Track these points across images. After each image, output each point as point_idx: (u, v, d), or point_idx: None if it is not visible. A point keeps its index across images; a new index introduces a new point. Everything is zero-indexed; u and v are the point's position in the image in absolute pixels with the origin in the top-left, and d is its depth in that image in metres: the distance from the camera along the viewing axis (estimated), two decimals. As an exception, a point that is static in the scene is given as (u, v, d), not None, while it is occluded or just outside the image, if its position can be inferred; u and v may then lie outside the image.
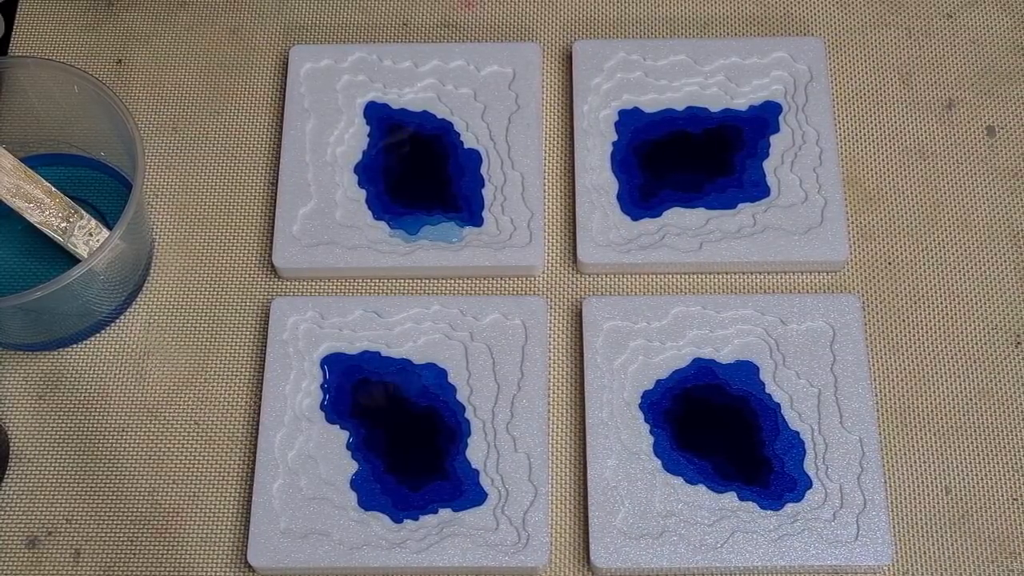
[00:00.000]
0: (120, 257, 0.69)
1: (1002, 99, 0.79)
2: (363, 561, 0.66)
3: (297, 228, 0.74)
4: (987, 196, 0.76)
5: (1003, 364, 0.72)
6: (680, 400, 0.70)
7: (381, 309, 0.72)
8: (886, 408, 0.71)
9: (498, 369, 0.71)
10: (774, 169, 0.76)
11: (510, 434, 0.69)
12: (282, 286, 0.75)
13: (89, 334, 0.72)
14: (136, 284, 0.73)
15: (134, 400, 0.71)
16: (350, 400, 0.70)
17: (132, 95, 0.79)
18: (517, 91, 0.78)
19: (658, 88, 0.78)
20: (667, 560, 0.66)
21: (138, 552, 0.68)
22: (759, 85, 0.78)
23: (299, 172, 0.76)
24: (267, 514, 0.67)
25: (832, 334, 0.71)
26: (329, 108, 0.78)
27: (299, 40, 0.81)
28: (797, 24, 0.81)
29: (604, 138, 0.77)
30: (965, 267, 0.74)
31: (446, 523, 0.67)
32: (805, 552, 0.66)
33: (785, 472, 0.68)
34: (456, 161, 0.76)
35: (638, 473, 0.68)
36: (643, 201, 0.75)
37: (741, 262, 0.73)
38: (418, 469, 0.69)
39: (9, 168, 0.69)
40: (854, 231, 0.75)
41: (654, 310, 0.72)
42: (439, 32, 0.82)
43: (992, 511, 0.69)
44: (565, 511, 0.69)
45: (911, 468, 0.70)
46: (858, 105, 0.79)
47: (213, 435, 0.71)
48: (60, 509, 0.69)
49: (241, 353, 0.73)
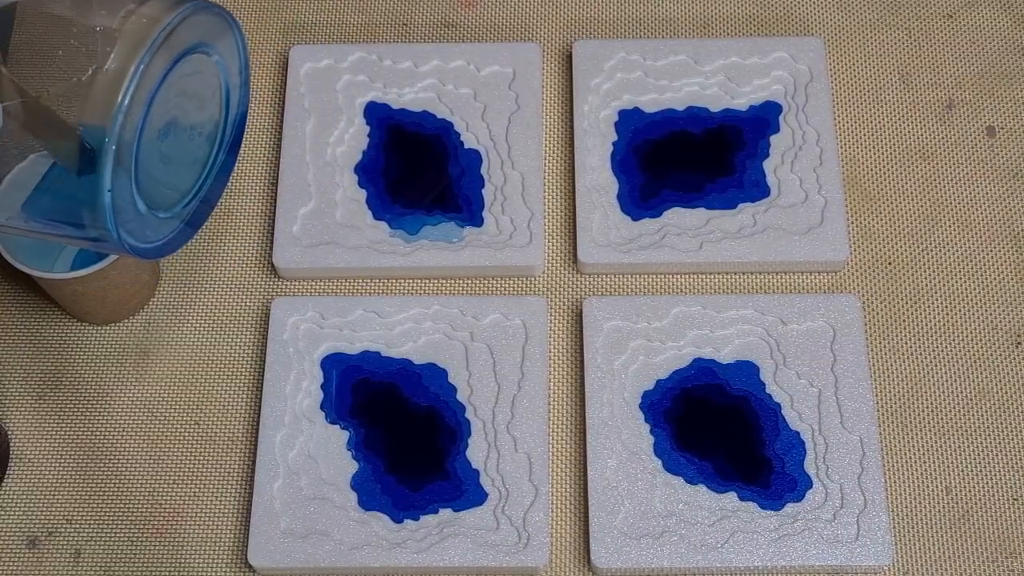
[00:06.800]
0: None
1: (1002, 99, 0.79)
2: (363, 561, 0.66)
3: (297, 228, 0.74)
4: (987, 196, 0.76)
5: (1003, 364, 0.72)
6: (680, 400, 0.70)
7: (381, 309, 0.72)
8: (886, 408, 0.71)
9: (498, 369, 0.71)
10: (774, 169, 0.76)
11: (510, 434, 0.69)
12: (282, 286, 0.75)
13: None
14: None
15: (134, 400, 0.71)
16: (350, 400, 0.70)
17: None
18: (517, 91, 0.78)
19: (658, 88, 0.78)
20: (667, 560, 0.66)
21: (138, 552, 0.68)
22: (759, 85, 0.78)
23: (299, 172, 0.76)
24: (267, 514, 0.67)
25: (832, 334, 0.71)
26: (329, 108, 0.78)
27: (299, 40, 0.81)
28: (797, 24, 0.81)
29: (604, 138, 0.77)
30: (965, 267, 0.74)
31: (446, 523, 0.67)
32: (805, 552, 0.66)
33: (785, 472, 0.68)
34: (456, 161, 0.76)
35: (638, 473, 0.68)
36: (643, 201, 0.75)
37: (741, 262, 0.73)
38: (418, 469, 0.69)
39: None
40: (854, 231, 0.75)
41: (654, 310, 0.72)
42: (439, 32, 0.82)
43: (992, 511, 0.69)
44: (565, 511, 0.69)
45: (911, 468, 0.70)
46: (858, 105, 0.79)
47: (213, 435, 0.71)
48: (60, 509, 0.69)
49: (241, 353, 0.73)
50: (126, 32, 0.56)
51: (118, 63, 0.56)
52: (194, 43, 0.60)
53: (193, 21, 0.58)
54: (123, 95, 0.55)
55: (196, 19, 0.59)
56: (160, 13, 0.57)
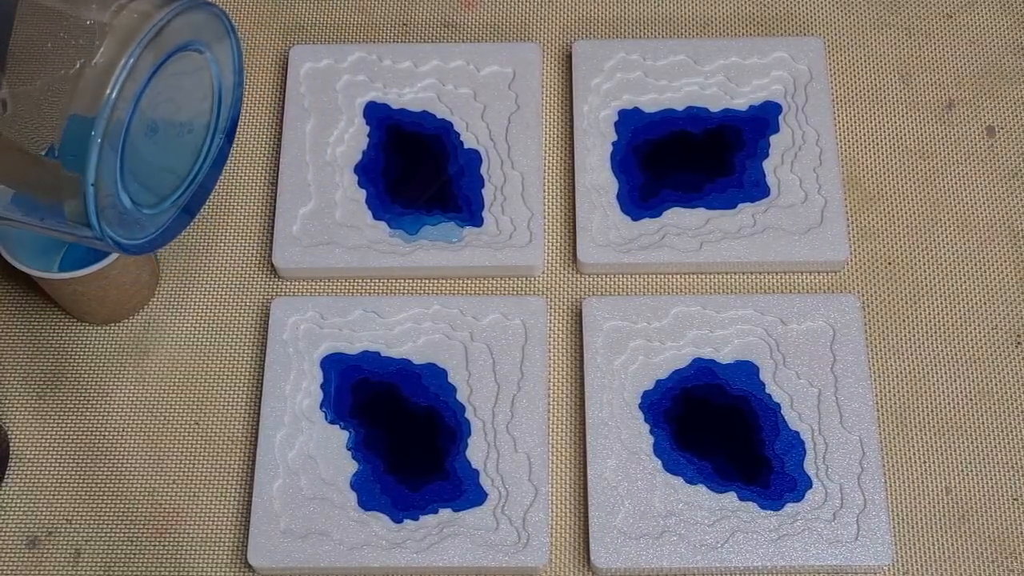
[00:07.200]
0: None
1: (1002, 99, 0.79)
2: (363, 561, 0.66)
3: (297, 228, 0.74)
4: (987, 196, 0.76)
5: (1003, 364, 0.72)
6: (680, 400, 0.70)
7: (381, 309, 0.72)
8: (886, 408, 0.71)
9: (498, 369, 0.71)
10: (774, 169, 0.76)
11: (510, 434, 0.69)
12: (282, 286, 0.75)
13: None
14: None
15: (134, 400, 0.71)
16: (350, 400, 0.70)
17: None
18: (517, 91, 0.78)
19: (658, 88, 0.78)
20: (667, 560, 0.66)
21: (138, 552, 0.68)
22: (759, 85, 0.78)
23: (299, 172, 0.76)
24: (267, 514, 0.67)
25: (832, 334, 0.71)
26: (329, 108, 0.78)
27: (299, 40, 0.81)
28: (797, 24, 0.81)
29: (604, 138, 0.77)
30: (965, 267, 0.74)
31: (446, 523, 0.67)
32: (805, 552, 0.66)
33: (785, 472, 0.68)
34: (456, 161, 0.76)
35: (638, 473, 0.68)
36: (643, 201, 0.75)
37: (741, 262, 0.73)
38: (418, 469, 0.69)
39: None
40: (854, 231, 0.75)
41: (654, 310, 0.72)
42: (439, 32, 0.82)
43: (992, 511, 0.69)
44: (565, 511, 0.69)
45: (911, 468, 0.70)
46: (858, 105, 0.79)
47: (213, 435, 0.71)
48: (60, 509, 0.69)
49: (241, 353, 0.73)
50: (116, 27, 0.56)
51: (107, 57, 0.56)
52: (186, 40, 0.59)
53: (185, 18, 0.58)
54: (111, 89, 0.55)
55: (188, 16, 0.58)
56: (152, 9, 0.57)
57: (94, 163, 0.55)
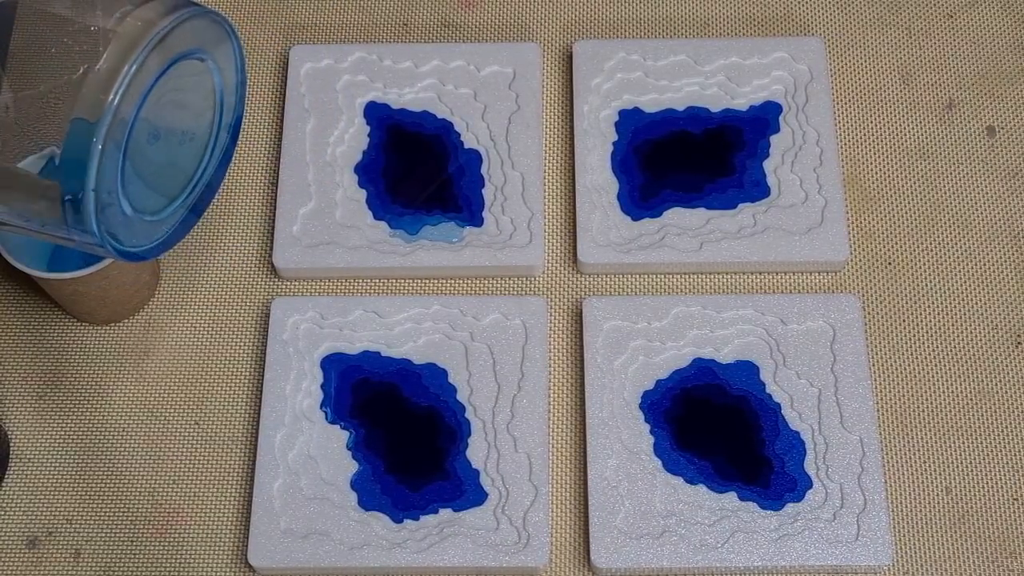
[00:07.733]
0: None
1: (1002, 99, 0.79)
2: (363, 561, 0.66)
3: (297, 228, 0.74)
4: (987, 196, 0.76)
5: (1003, 364, 0.72)
6: (680, 400, 0.70)
7: (381, 309, 0.72)
8: (886, 408, 0.71)
9: (498, 369, 0.71)
10: (774, 169, 0.76)
11: (510, 434, 0.69)
12: (282, 286, 0.75)
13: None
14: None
15: (134, 400, 0.71)
16: (350, 400, 0.70)
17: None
18: (517, 91, 0.78)
19: (658, 88, 0.78)
20: (667, 560, 0.66)
21: (138, 552, 0.68)
22: (759, 85, 0.78)
23: (299, 172, 0.76)
24: (267, 514, 0.67)
25: (832, 334, 0.71)
26: (329, 108, 0.78)
27: (299, 40, 0.81)
28: (797, 24, 0.81)
29: (604, 138, 0.77)
30: (965, 267, 0.74)
31: (446, 523, 0.67)
32: (805, 552, 0.66)
33: (785, 472, 0.68)
34: (456, 161, 0.76)
35: (638, 473, 0.68)
36: (643, 201, 0.75)
37: (741, 262, 0.73)
38: (418, 469, 0.69)
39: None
40: (854, 231, 0.75)
41: (654, 310, 0.72)
42: (439, 32, 0.82)
43: (992, 511, 0.69)
44: (565, 511, 0.69)
45: (911, 468, 0.70)
46: (858, 105, 0.79)
47: (213, 435, 0.71)
48: (60, 509, 0.69)
49: (241, 353, 0.73)
50: (120, 33, 0.56)
51: (110, 63, 0.56)
52: (189, 48, 0.60)
53: (189, 26, 0.58)
54: (113, 94, 0.55)
55: (192, 24, 0.59)
56: (156, 16, 0.57)
57: (95, 168, 0.56)
